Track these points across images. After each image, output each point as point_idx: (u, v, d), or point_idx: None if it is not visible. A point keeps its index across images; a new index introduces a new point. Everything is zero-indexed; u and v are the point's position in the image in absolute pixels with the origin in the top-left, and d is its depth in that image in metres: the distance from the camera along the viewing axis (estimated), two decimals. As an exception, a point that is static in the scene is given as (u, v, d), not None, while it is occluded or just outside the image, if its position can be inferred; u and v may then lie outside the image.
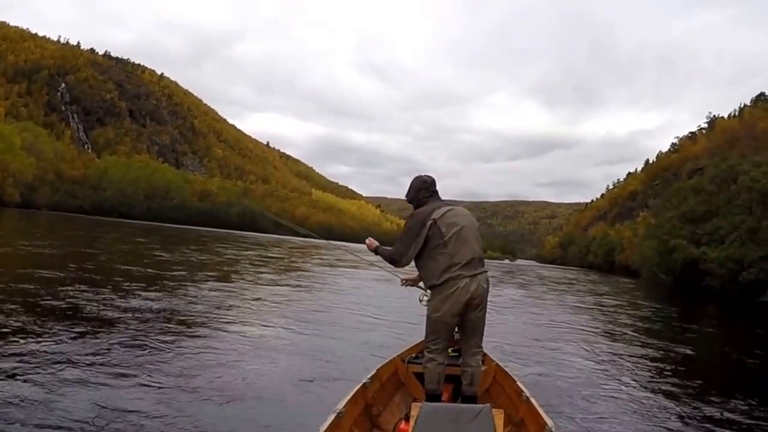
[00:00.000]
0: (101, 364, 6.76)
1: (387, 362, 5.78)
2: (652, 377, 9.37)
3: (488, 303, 4.98)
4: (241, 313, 11.84)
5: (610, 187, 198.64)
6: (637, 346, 12.73)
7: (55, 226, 49.36)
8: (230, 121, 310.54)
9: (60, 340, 7.71)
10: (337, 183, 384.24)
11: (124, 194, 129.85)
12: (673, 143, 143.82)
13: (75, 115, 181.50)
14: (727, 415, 7.36)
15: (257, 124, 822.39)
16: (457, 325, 4.99)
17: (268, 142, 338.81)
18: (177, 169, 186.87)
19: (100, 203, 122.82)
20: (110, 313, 9.97)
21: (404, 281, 5.87)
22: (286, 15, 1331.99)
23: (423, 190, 5.17)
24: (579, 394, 7.76)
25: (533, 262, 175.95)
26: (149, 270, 18.77)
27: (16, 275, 14.30)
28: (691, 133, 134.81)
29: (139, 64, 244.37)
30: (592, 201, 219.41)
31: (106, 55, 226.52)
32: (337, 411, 4.25)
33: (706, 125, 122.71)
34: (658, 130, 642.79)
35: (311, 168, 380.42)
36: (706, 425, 6.86)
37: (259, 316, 11.82)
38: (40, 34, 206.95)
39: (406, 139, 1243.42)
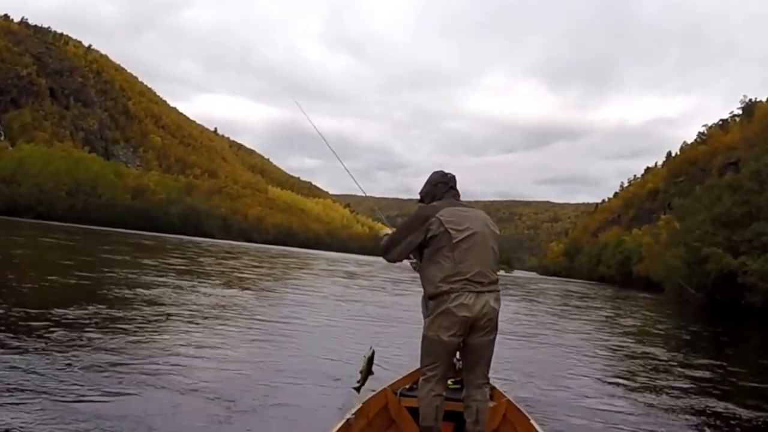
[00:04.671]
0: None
1: (375, 394, 5.75)
2: (693, 417, 8.93)
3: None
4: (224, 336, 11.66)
5: (625, 184, 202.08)
6: (676, 379, 12.29)
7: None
8: (171, 103, 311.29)
9: None
10: (299, 178, 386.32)
11: (43, 190, 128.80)
12: (700, 132, 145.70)
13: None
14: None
15: (204, 106, 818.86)
16: (459, 350, 4.96)
17: (216, 129, 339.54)
18: (106, 160, 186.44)
19: (14, 200, 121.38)
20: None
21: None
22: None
23: (441, 184, 5.20)
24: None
25: (534, 274, 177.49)
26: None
27: None
28: (722, 120, 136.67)
29: (62, 34, 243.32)
30: (603, 201, 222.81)
31: (23, 23, 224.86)
32: None
33: (741, 111, 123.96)
34: (683, 118, 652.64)
35: (268, 160, 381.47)
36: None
37: (229, 335, 11.77)
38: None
39: (384, 127, 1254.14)
